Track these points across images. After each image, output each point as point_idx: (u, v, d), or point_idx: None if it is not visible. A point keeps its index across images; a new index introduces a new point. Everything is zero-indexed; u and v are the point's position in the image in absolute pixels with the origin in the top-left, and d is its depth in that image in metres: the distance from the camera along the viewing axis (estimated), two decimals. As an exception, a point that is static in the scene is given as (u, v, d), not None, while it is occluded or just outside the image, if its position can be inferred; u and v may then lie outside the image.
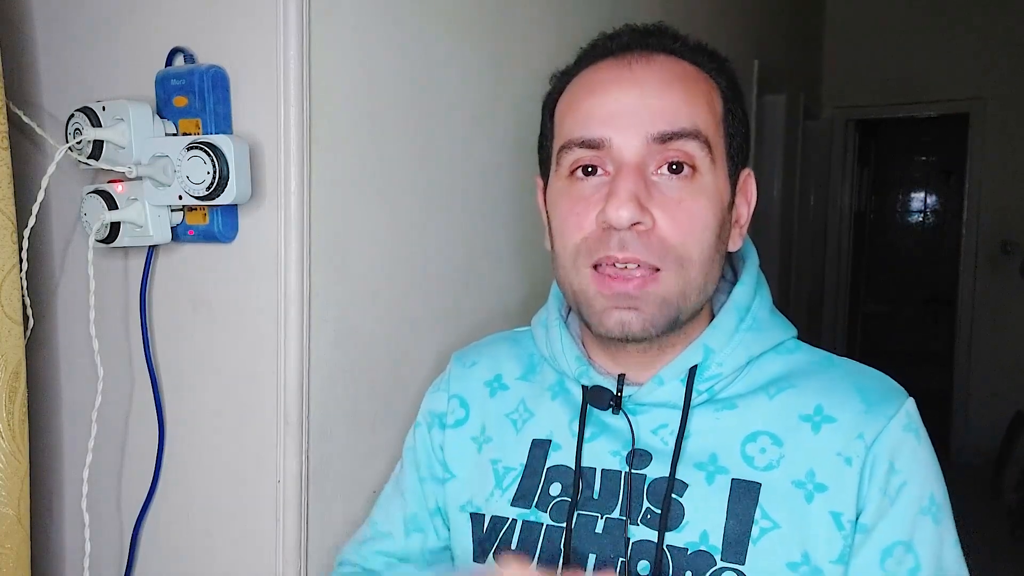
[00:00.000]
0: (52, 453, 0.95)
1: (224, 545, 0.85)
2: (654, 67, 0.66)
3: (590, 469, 0.69)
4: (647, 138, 0.63)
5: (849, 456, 0.64)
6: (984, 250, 3.96)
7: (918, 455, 0.65)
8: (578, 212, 0.65)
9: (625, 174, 0.63)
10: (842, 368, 0.70)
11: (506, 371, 0.80)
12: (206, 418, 0.85)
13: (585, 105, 0.67)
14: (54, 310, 0.93)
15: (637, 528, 0.66)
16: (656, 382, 0.68)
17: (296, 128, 0.78)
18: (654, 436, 0.68)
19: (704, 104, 0.66)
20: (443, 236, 1.03)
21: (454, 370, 0.83)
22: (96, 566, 0.90)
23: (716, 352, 0.68)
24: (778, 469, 0.64)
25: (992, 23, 3.80)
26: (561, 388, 0.75)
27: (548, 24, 1.23)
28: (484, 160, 1.10)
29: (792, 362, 0.70)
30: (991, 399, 3.90)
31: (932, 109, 4.08)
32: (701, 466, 0.66)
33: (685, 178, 0.64)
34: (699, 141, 0.64)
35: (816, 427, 0.65)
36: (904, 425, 0.65)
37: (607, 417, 0.71)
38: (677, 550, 0.64)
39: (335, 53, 0.83)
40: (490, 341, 0.85)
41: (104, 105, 0.78)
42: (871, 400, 0.66)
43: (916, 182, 6.02)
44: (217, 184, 0.74)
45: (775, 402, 0.67)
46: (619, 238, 0.62)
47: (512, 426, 0.76)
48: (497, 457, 0.75)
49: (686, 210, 0.63)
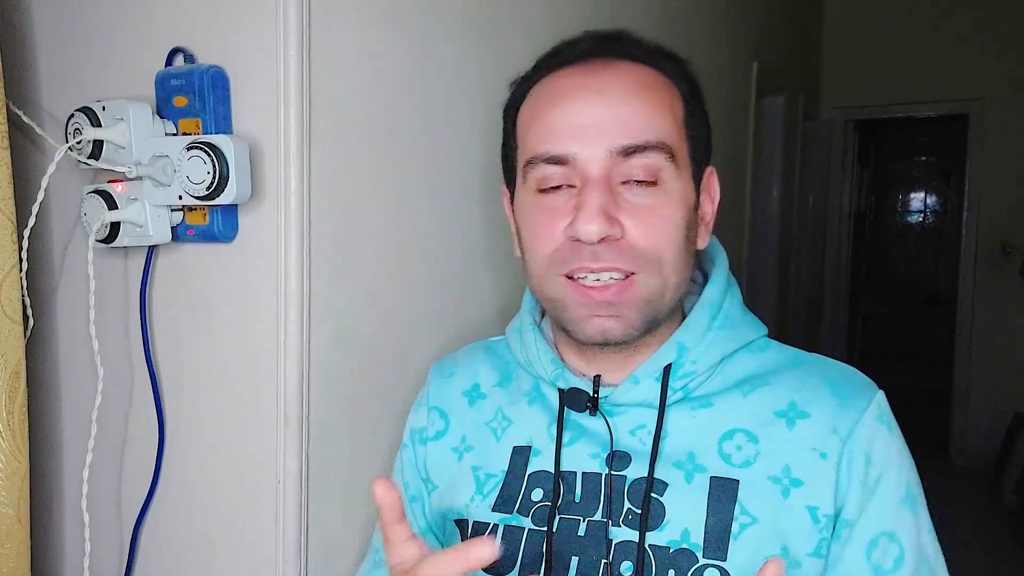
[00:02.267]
0: (52, 453, 0.95)
1: (224, 545, 0.85)
2: (618, 75, 0.66)
3: (571, 473, 0.70)
4: (611, 151, 0.64)
5: (824, 451, 0.65)
6: (984, 250, 3.96)
7: (891, 446, 0.66)
8: (547, 224, 0.66)
9: (591, 188, 0.63)
10: (813, 364, 0.71)
11: (482, 379, 0.80)
12: (206, 418, 0.85)
13: (548, 117, 0.67)
14: (54, 310, 0.93)
15: (619, 529, 0.66)
16: (631, 381, 0.69)
17: (296, 128, 0.78)
18: (632, 437, 0.69)
19: (667, 111, 0.66)
20: (443, 236, 1.03)
21: (432, 382, 0.83)
22: (96, 566, 0.90)
23: (690, 350, 0.69)
24: (755, 465, 0.65)
25: (992, 23, 3.81)
26: (537, 394, 0.75)
27: (549, 24, 1.23)
28: (485, 160, 1.10)
29: (764, 360, 0.71)
30: (991, 399, 3.91)
31: (932, 109, 4.08)
32: (680, 465, 0.67)
33: (650, 186, 0.65)
34: (662, 152, 0.64)
35: (791, 423, 0.66)
36: (876, 417, 0.66)
37: (585, 420, 0.71)
38: (659, 549, 0.65)
39: (335, 53, 0.83)
40: (466, 351, 0.85)
41: (104, 105, 0.78)
42: (842, 394, 0.67)
43: (916, 182, 6.03)
44: (217, 184, 0.74)
45: (749, 400, 0.68)
46: (591, 250, 0.63)
47: (492, 434, 0.76)
48: (478, 464, 0.75)
49: (654, 216, 0.64)
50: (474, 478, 0.75)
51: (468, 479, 0.75)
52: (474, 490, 0.74)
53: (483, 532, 0.71)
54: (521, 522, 0.70)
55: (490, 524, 0.71)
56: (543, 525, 0.69)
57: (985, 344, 3.97)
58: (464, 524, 0.73)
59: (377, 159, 0.91)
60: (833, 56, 4.18)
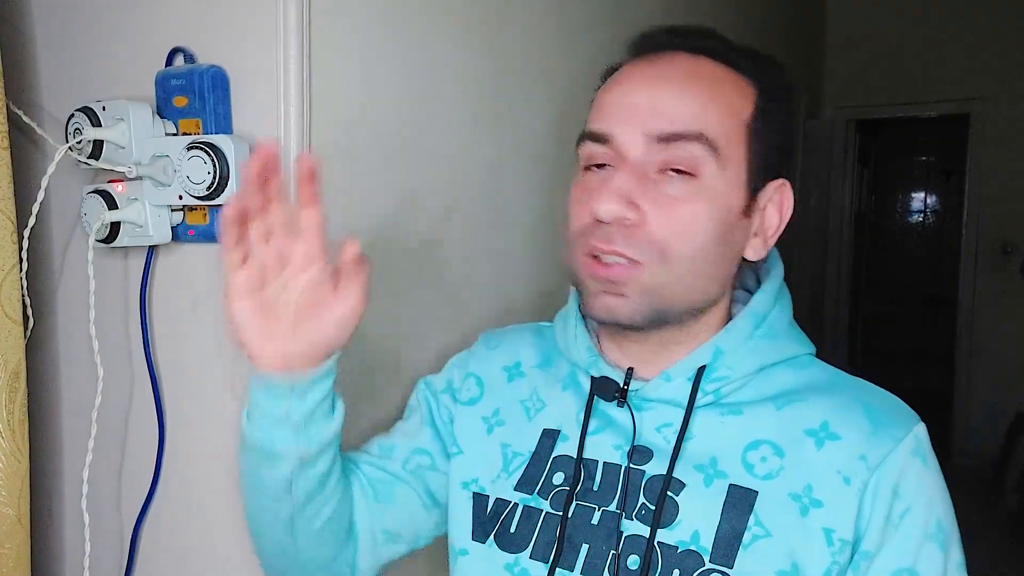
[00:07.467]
0: (52, 453, 0.95)
1: (224, 545, 0.85)
2: (674, 64, 0.66)
3: (593, 461, 0.70)
4: (647, 136, 0.63)
5: (848, 476, 0.63)
6: (984, 250, 3.95)
7: (925, 480, 0.64)
8: (580, 201, 0.67)
9: (620, 170, 0.64)
10: (854, 388, 0.69)
11: (525, 359, 0.81)
12: (206, 418, 0.85)
13: (602, 98, 0.68)
14: (54, 310, 0.93)
15: (631, 523, 0.67)
16: (663, 378, 0.69)
17: (296, 128, 0.78)
18: (657, 433, 0.69)
19: (723, 106, 0.65)
20: (443, 236, 1.03)
21: (477, 349, 0.84)
22: (96, 566, 0.90)
23: (727, 354, 0.68)
24: (777, 479, 0.64)
25: (992, 23, 3.80)
26: (573, 380, 0.75)
27: (550, 24, 1.23)
28: (485, 160, 1.10)
29: (805, 377, 0.70)
30: (991, 399, 3.90)
31: (932, 109, 4.08)
32: (700, 468, 0.66)
33: (688, 178, 0.64)
34: (702, 144, 0.63)
35: (820, 443, 0.65)
36: (912, 450, 0.64)
37: (614, 411, 0.71)
38: (667, 547, 0.65)
39: (335, 53, 0.83)
40: (516, 328, 0.86)
41: (104, 105, 0.78)
42: (879, 422, 0.65)
43: (916, 182, 6.02)
44: (217, 184, 0.74)
45: (782, 413, 0.67)
46: (604, 231, 0.64)
47: (525, 413, 0.77)
48: (507, 441, 0.76)
49: (680, 209, 0.64)
50: (502, 455, 0.75)
51: (496, 455, 0.75)
52: (500, 467, 0.74)
53: (503, 510, 0.72)
54: (540, 504, 0.71)
55: (510, 503, 0.72)
56: (559, 509, 0.69)
57: (986, 344, 3.97)
58: (484, 499, 0.74)
59: (376, 159, 0.91)
60: (834, 56, 4.17)
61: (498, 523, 0.72)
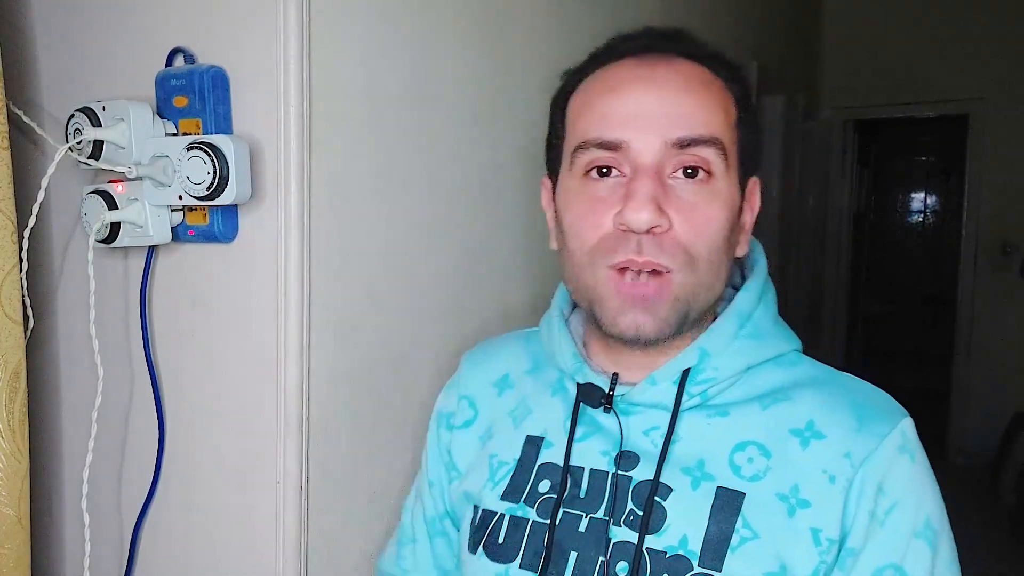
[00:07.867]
0: (52, 453, 0.95)
1: (224, 545, 0.85)
2: (674, 69, 0.66)
3: (579, 468, 0.70)
4: (666, 142, 0.63)
5: (833, 474, 0.63)
6: (984, 250, 3.95)
7: (912, 477, 0.64)
8: (594, 212, 0.65)
9: (643, 176, 0.63)
10: (841, 385, 0.69)
11: (514, 368, 0.80)
12: (206, 418, 0.85)
13: (602, 104, 0.67)
14: (54, 310, 0.93)
15: (619, 529, 0.66)
16: (649, 382, 0.68)
17: (296, 128, 0.78)
18: (644, 438, 0.68)
19: (721, 110, 0.66)
20: (443, 236, 1.03)
21: (463, 370, 0.84)
22: (96, 566, 0.90)
23: (712, 356, 0.68)
24: (764, 480, 0.64)
25: (992, 23, 3.80)
26: (560, 386, 0.75)
27: (550, 25, 1.23)
28: (485, 160, 1.10)
29: (792, 374, 0.70)
30: (991, 399, 3.90)
31: (932, 109, 4.08)
32: (688, 471, 0.66)
33: (700, 182, 0.64)
34: (716, 148, 0.64)
35: (805, 442, 0.65)
36: (898, 446, 0.64)
37: (600, 417, 0.71)
38: (656, 553, 0.64)
39: (335, 53, 0.83)
40: (501, 339, 0.86)
41: (104, 105, 0.78)
42: (865, 418, 0.65)
43: (916, 182, 6.02)
44: (217, 184, 0.74)
45: (768, 413, 0.67)
46: (637, 241, 0.63)
47: (512, 422, 0.77)
48: (494, 452, 0.76)
49: (701, 213, 0.64)
50: (488, 465, 0.75)
51: (484, 466, 0.76)
52: (487, 477, 0.74)
53: (490, 520, 0.72)
54: (527, 513, 0.70)
55: (496, 513, 0.72)
56: (547, 518, 0.69)
57: (985, 344, 3.97)
58: (476, 510, 0.74)
59: (377, 159, 0.91)
60: (833, 56, 4.17)
61: (486, 533, 0.72)
